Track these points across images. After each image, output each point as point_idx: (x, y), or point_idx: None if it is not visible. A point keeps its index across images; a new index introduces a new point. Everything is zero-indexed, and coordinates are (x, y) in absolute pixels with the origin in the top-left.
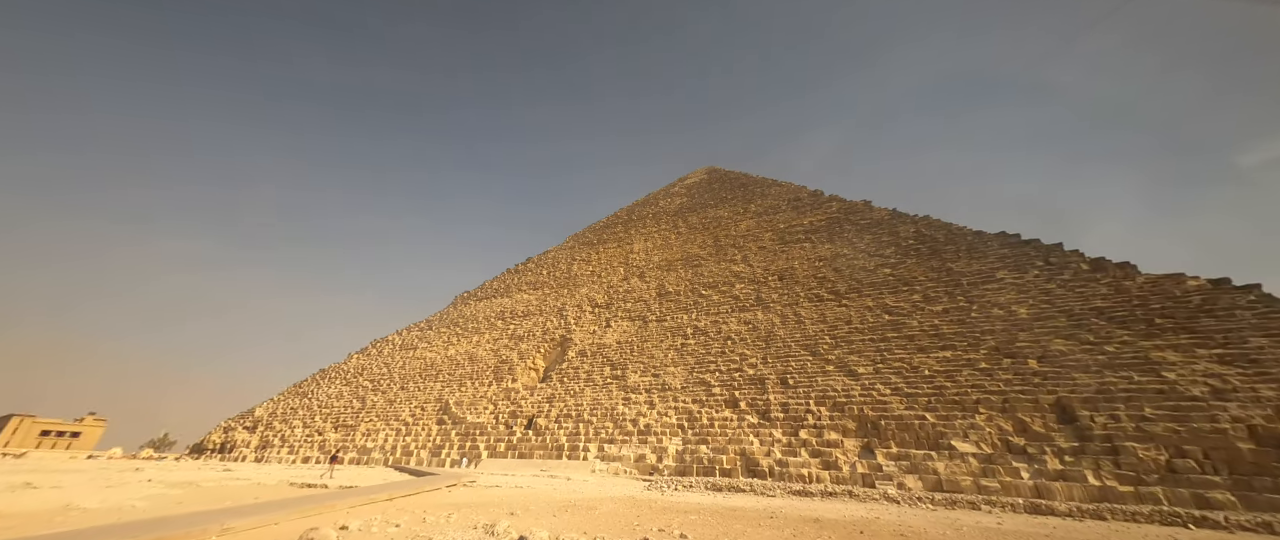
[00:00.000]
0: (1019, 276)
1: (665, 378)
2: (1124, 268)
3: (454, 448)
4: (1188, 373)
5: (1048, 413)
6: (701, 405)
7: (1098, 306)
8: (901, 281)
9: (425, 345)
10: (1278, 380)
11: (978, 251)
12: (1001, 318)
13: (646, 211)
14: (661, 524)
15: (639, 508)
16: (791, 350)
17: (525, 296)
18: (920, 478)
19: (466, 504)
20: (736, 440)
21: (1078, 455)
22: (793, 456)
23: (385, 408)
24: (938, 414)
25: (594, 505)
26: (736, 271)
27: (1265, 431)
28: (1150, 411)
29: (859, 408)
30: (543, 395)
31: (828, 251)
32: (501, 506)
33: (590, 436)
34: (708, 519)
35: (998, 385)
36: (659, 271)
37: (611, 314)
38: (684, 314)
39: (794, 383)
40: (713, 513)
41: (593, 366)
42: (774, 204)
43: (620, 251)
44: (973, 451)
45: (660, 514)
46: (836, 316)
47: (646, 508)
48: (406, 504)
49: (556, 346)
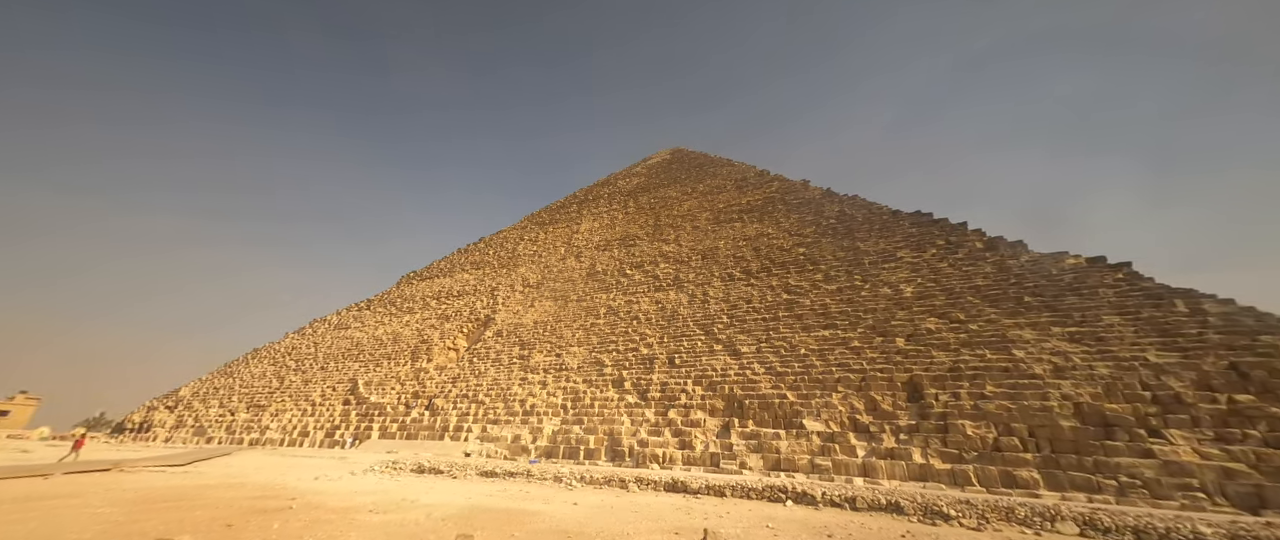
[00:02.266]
0: (917, 255)
1: (566, 358)
2: (1014, 246)
3: (349, 428)
4: (1037, 350)
5: (899, 391)
6: (590, 385)
7: (977, 285)
8: (810, 261)
9: (357, 325)
10: (1116, 358)
11: (888, 231)
12: (888, 297)
13: (603, 191)
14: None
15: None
16: (689, 330)
17: (466, 276)
18: (763, 457)
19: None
20: (610, 420)
21: (912, 433)
22: (655, 436)
23: (300, 388)
24: (800, 393)
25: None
26: (665, 251)
27: (1090, 409)
28: (991, 389)
29: (731, 387)
30: (449, 375)
31: (753, 231)
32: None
33: (479, 417)
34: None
35: (862, 364)
36: (595, 251)
37: (539, 294)
38: (604, 294)
39: (680, 362)
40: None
41: (504, 347)
42: (720, 184)
43: (566, 231)
44: (820, 430)
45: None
46: (739, 296)
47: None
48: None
49: (480, 326)
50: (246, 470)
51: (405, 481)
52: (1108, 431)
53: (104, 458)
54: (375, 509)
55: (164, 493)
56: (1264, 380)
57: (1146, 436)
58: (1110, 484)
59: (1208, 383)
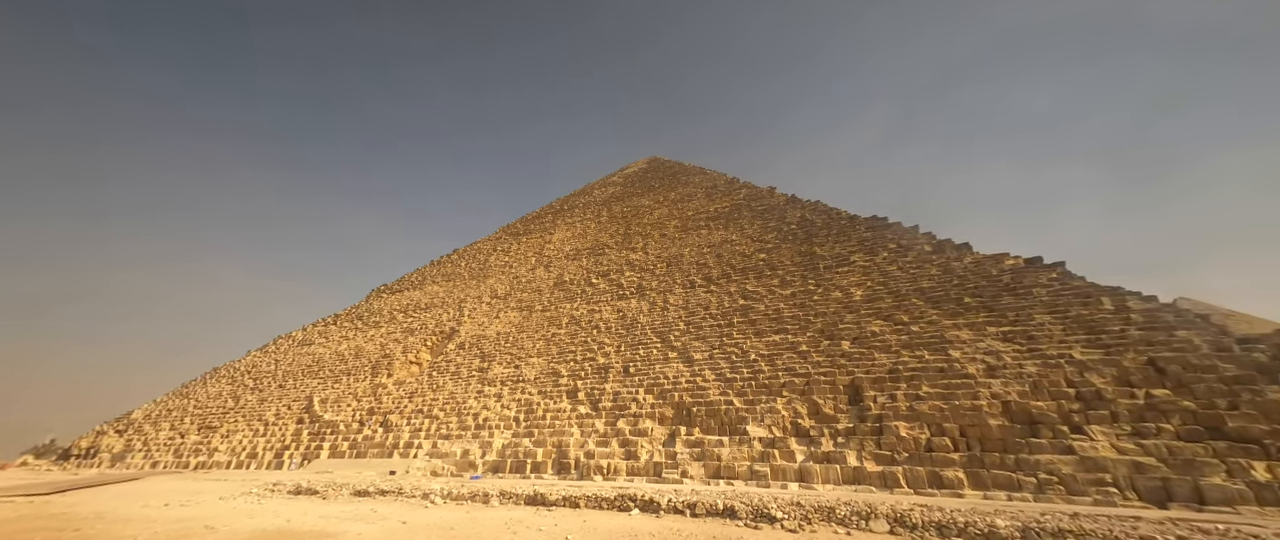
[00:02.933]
0: (869, 259)
1: (525, 369)
2: (959, 249)
3: (299, 448)
4: (972, 350)
5: (841, 394)
6: (545, 396)
7: (923, 287)
8: (769, 266)
9: (321, 341)
10: (1044, 356)
11: (844, 235)
12: (839, 300)
13: (579, 201)
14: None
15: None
16: (647, 337)
17: (435, 288)
18: (705, 465)
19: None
20: (561, 432)
21: (849, 436)
22: (603, 447)
23: (255, 407)
24: (746, 399)
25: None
26: (632, 259)
27: (1017, 408)
28: (927, 390)
29: (681, 395)
30: (407, 391)
31: (718, 238)
32: None
33: (431, 432)
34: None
35: (807, 368)
36: (565, 261)
37: (505, 305)
38: (569, 303)
39: (634, 371)
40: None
41: (465, 359)
42: (691, 192)
43: (539, 241)
44: (763, 436)
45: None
46: (698, 302)
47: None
48: None
49: (444, 339)
50: (111, 498)
51: (253, 505)
52: (1033, 429)
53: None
54: (153, 537)
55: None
56: (1179, 375)
57: (1069, 433)
58: (1030, 482)
59: (1127, 378)
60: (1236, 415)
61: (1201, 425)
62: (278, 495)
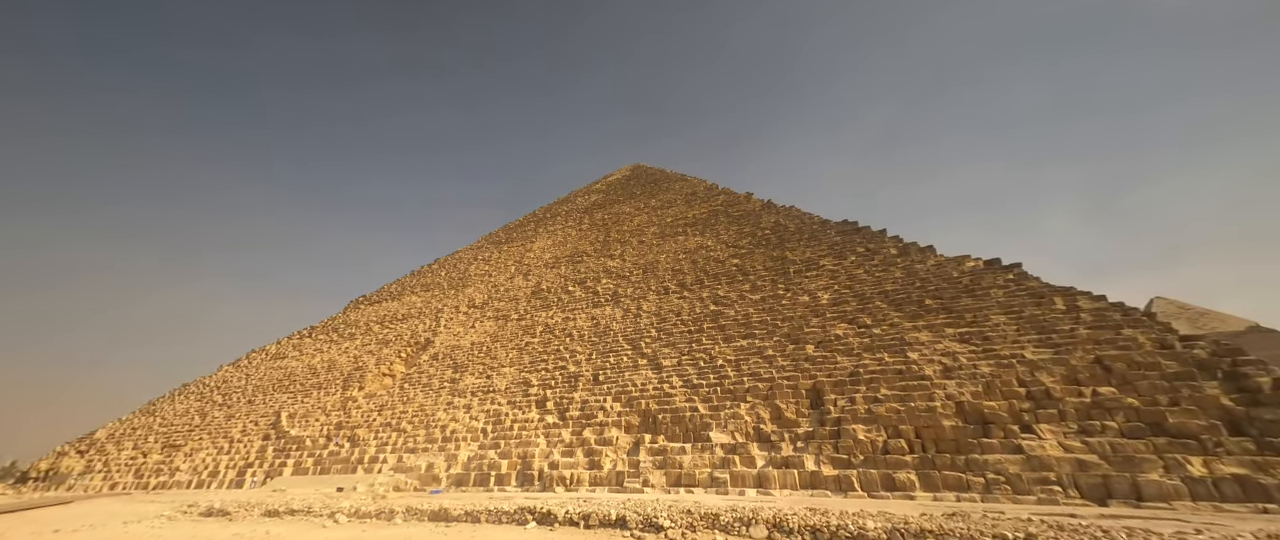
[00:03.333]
0: (837, 263)
1: (496, 379)
2: (924, 251)
3: (263, 465)
4: (930, 352)
5: (803, 399)
6: (514, 406)
7: (887, 290)
8: (741, 272)
9: (294, 354)
10: (997, 356)
11: (815, 240)
12: (806, 305)
13: (562, 208)
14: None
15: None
16: (618, 345)
17: (414, 299)
18: (666, 472)
19: None
20: (527, 443)
21: (808, 440)
22: (567, 457)
23: (222, 424)
24: (711, 405)
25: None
26: (609, 267)
27: (970, 408)
28: (885, 392)
29: (647, 402)
30: (377, 404)
31: (694, 244)
32: None
33: (397, 446)
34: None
35: (772, 373)
36: (544, 269)
37: (482, 314)
38: (544, 311)
39: (604, 379)
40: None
41: (437, 370)
42: (671, 198)
43: (520, 250)
44: (725, 441)
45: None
46: (670, 309)
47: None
48: None
49: (418, 350)
50: (8, 525)
51: (158, 529)
52: (985, 429)
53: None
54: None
55: None
56: (1124, 373)
57: (1019, 432)
58: (978, 482)
59: (1075, 377)
60: (1177, 411)
61: (1144, 422)
62: (190, 517)
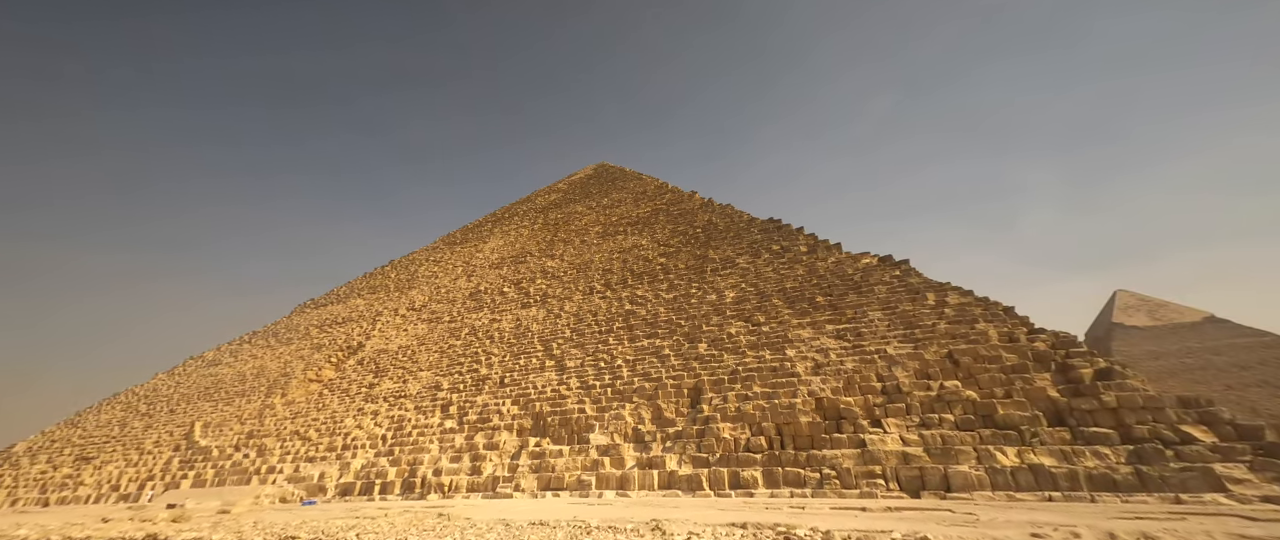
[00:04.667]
0: (751, 261)
1: (411, 384)
2: (830, 249)
3: (165, 478)
4: (806, 349)
5: (684, 398)
6: (420, 412)
7: (786, 288)
8: (664, 271)
9: (229, 360)
10: (864, 352)
11: (738, 238)
12: (712, 303)
13: (521, 208)
14: None
15: None
16: (533, 347)
17: (358, 302)
18: (539, 476)
19: None
20: (421, 449)
21: (676, 440)
22: (453, 463)
23: (138, 436)
24: (600, 406)
25: None
26: (547, 267)
27: (829, 404)
28: (757, 389)
29: (542, 404)
30: (293, 411)
31: (630, 243)
32: None
33: (299, 455)
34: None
35: (662, 372)
36: (487, 270)
37: (418, 317)
38: (475, 314)
39: (509, 382)
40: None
41: (359, 375)
42: (621, 198)
43: (471, 251)
44: (603, 443)
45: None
46: (590, 309)
47: None
48: None
49: (349, 354)
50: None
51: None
52: (838, 425)
53: None
54: None
55: None
56: (969, 367)
57: (868, 427)
58: (814, 477)
59: (927, 371)
60: (1007, 403)
61: (978, 414)
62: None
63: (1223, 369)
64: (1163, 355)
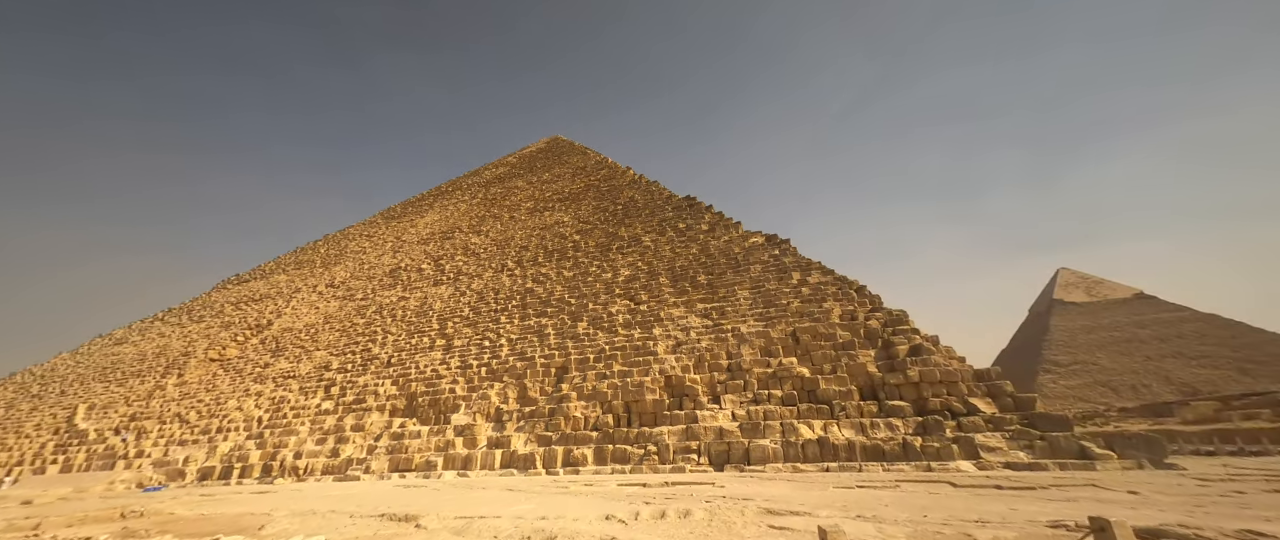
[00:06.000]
0: (655, 239)
1: (303, 364)
2: (729, 228)
3: (32, 464)
4: (672, 327)
5: (551, 377)
6: (304, 393)
7: (678, 266)
8: (575, 248)
9: (136, 338)
10: (721, 330)
11: (652, 215)
12: (607, 281)
13: (467, 181)
14: None
15: None
16: (429, 325)
17: (281, 278)
18: (392, 458)
19: None
20: (290, 431)
21: (530, 419)
22: (317, 446)
23: (21, 419)
24: (472, 386)
25: None
26: (471, 243)
27: (676, 382)
28: (617, 368)
29: (417, 385)
30: (183, 392)
31: (553, 219)
32: None
33: (173, 438)
34: None
35: (536, 352)
36: (415, 246)
37: (334, 294)
38: (388, 291)
39: (395, 362)
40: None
41: (257, 355)
42: (562, 173)
43: (407, 226)
44: (463, 423)
45: None
46: (493, 287)
47: None
48: None
49: (254, 333)
50: None
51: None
52: (680, 402)
53: None
54: None
55: None
56: (808, 343)
57: (706, 403)
58: (638, 454)
59: (771, 348)
60: (831, 378)
61: (803, 390)
62: None
63: (1145, 342)
64: (1095, 329)
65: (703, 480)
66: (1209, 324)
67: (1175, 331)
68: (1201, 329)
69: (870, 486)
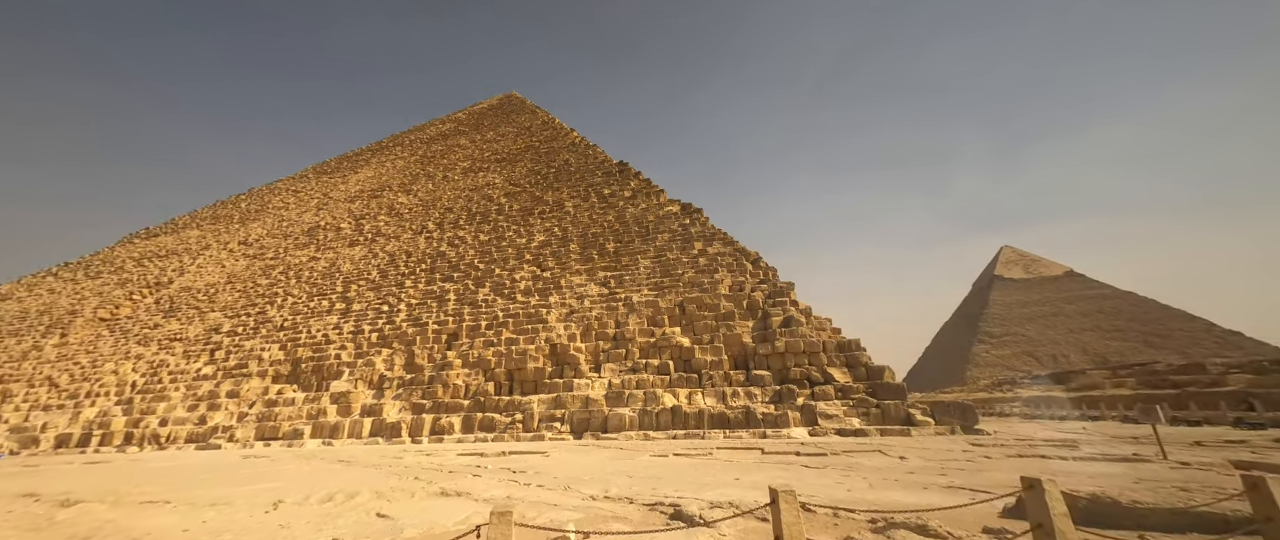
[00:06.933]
0: (578, 204)
1: (195, 325)
2: (652, 195)
3: None
4: (569, 295)
5: (442, 344)
6: (187, 356)
7: (590, 233)
8: (498, 212)
9: (22, 294)
10: (615, 299)
11: (581, 180)
12: (520, 247)
13: (411, 136)
14: None
15: None
16: (333, 288)
17: (193, 233)
18: (259, 426)
19: None
20: (163, 397)
21: (410, 387)
22: (187, 413)
23: None
24: (361, 352)
25: None
26: (398, 203)
27: (561, 350)
28: (506, 336)
29: (303, 350)
30: (62, 352)
31: (485, 181)
32: None
33: (37, 402)
34: None
35: (431, 318)
36: (342, 203)
37: (243, 252)
38: (301, 250)
39: (289, 326)
40: None
41: (148, 316)
42: (507, 132)
43: (339, 181)
44: (341, 390)
45: None
46: (406, 249)
47: None
48: None
49: (152, 291)
50: None
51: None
52: (561, 370)
53: None
54: None
55: None
56: (693, 314)
57: (587, 372)
58: (504, 421)
59: (658, 318)
60: (707, 349)
61: (679, 359)
62: None
63: (1069, 316)
64: (1029, 303)
65: (537, 450)
66: (1125, 301)
67: (1096, 307)
68: (1118, 305)
69: (688, 454)
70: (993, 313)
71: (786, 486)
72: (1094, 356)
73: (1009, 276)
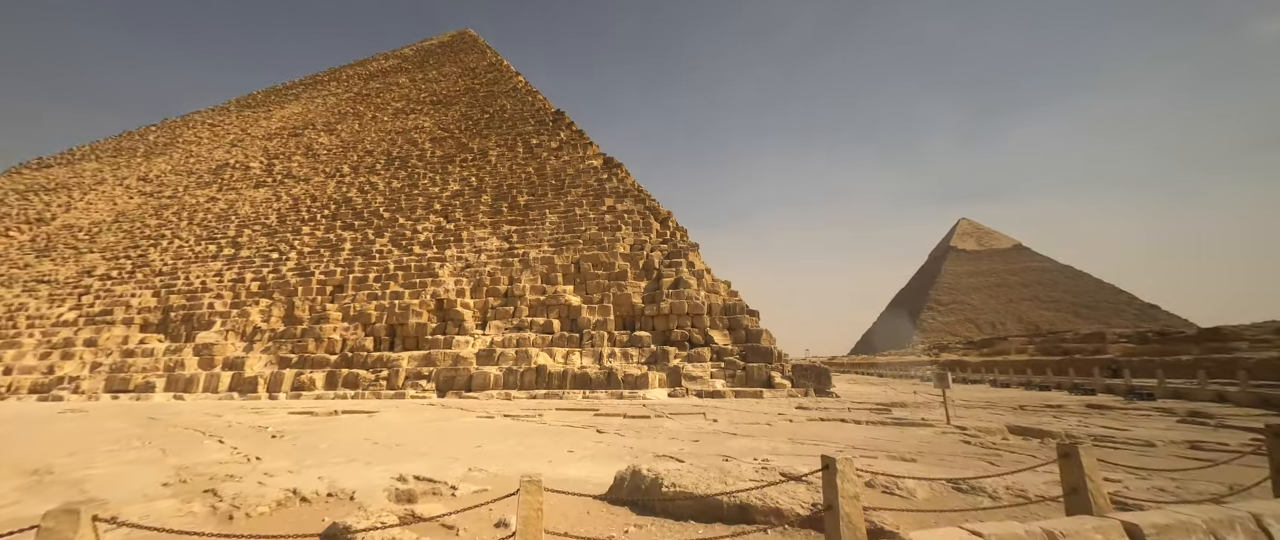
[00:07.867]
0: (502, 153)
1: (69, 266)
2: (580, 148)
3: None
4: (467, 249)
5: (325, 296)
6: (52, 300)
7: (507, 184)
8: (419, 158)
9: None
10: (513, 254)
11: (512, 128)
12: (431, 196)
13: (349, 72)
14: None
15: None
16: (226, 232)
17: (89, 166)
18: (108, 378)
19: None
20: (14, 344)
21: (282, 340)
22: (41, 360)
23: None
24: (236, 301)
25: None
26: (317, 144)
27: (448, 306)
28: (393, 289)
29: (176, 298)
30: None
31: (413, 124)
32: None
33: None
34: None
35: (318, 267)
36: (258, 141)
37: (140, 189)
38: (203, 190)
39: (168, 270)
40: None
41: (22, 254)
42: (449, 73)
43: (259, 116)
44: (209, 341)
45: None
46: (312, 193)
47: None
48: None
49: (30, 227)
50: None
51: None
52: (444, 326)
53: None
54: None
55: None
56: (588, 273)
57: (473, 329)
58: (369, 378)
59: (552, 276)
60: (596, 308)
61: (565, 319)
62: None
63: (1011, 287)
64: (978, 274)
65: (368, 409)
66: (1063, 274)
67: (1037, 279)
68: (1056, 278)
69: (518, 416)
70: (944, 281)
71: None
72: (1028, 325)
73: (962, 248)
